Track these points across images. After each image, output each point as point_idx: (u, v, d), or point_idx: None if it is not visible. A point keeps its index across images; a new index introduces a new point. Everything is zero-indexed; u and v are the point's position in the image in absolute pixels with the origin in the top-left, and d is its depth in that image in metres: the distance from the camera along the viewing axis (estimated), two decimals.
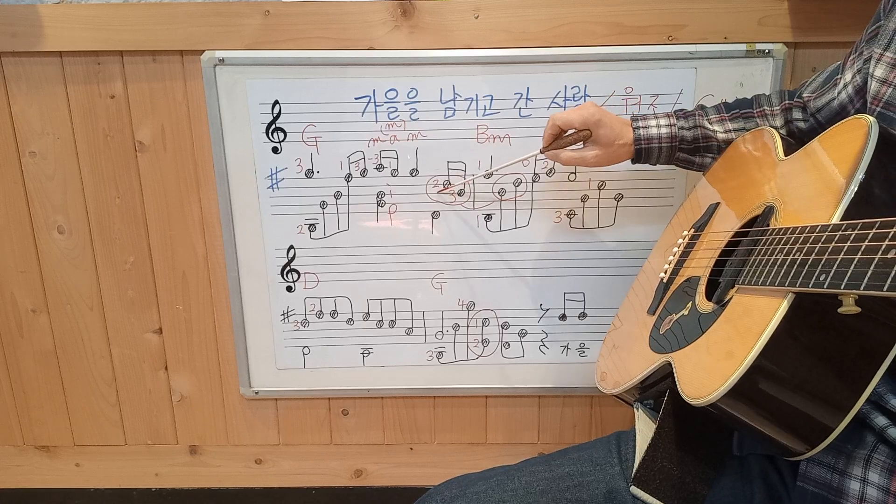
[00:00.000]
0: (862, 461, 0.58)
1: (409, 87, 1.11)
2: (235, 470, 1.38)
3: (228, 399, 1.33)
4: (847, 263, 0.46)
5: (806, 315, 0.52)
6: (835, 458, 0.60)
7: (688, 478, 0.66)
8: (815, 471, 0.60)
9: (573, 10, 1.08)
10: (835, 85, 0.78)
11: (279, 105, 1.12)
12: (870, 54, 0.70)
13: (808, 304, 0.52)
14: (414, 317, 1.24)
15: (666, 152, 0.91)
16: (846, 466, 0.58)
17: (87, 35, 1.09)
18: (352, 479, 1.39)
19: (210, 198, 1.19)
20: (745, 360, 0.52)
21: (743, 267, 0.64)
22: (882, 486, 0.57)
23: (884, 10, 0.70)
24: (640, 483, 0.66)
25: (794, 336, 0.52)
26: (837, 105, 0.77)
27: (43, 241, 1.22)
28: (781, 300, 0.53)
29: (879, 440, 0.59)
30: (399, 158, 1.15)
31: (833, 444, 0.58)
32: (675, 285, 0.83)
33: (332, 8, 1.08)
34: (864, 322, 0.52)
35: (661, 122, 0.91)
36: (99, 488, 1.40)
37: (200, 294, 1.26)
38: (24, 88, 1.14)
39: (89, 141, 1.17)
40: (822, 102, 0.80)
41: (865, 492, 0.57)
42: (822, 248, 0.49)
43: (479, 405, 1.33)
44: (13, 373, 1.31)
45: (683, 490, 0.66)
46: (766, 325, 0.52)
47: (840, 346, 0.53)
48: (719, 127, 0.89)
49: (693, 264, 0.81)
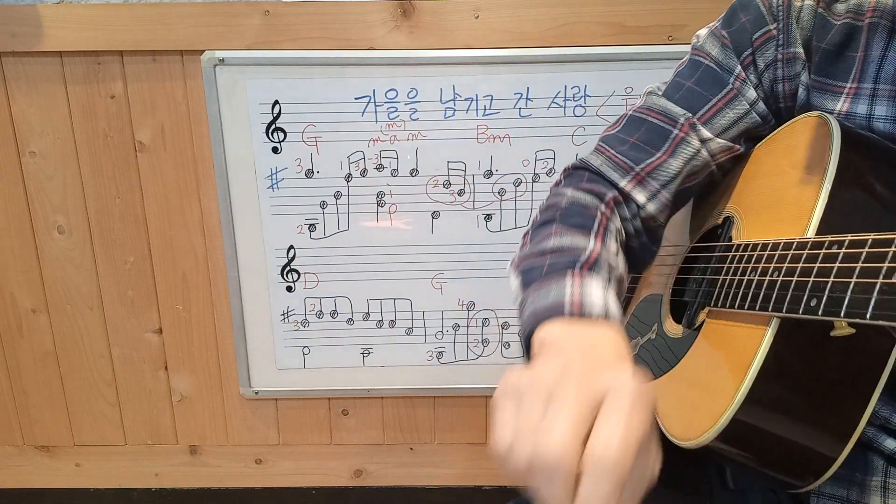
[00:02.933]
0: (879, 489, 0.54)
1: (409, 87, 1.11)
2: (235, 470, 1.38)
3: (228, 399, 1.33)
4: (842, 288, 0.41)
5: (795, 341, 0.48)
6: (847, 490, 0.55)
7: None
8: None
9: (573, 10, 1.08)
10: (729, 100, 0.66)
11: (279, 105, 1.12)
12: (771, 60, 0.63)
13: (795, 329, 0.47)
14: (414, 317, 1.24)
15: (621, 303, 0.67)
16: (861, 497, 0.54)
17: (87, 35, 1.09)
18: (352, 479, 1.39)
19: (210, 198, 1.19)
20: (735, 396, 0.48)
21: (713, 287, 0.58)
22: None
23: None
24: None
25: (785, 364, 0.48)
26: (750, 121, 0.65)
27: (43, 241, 1.22)
28: (765, 327, 0.48)
29: (891, 464, 0.55)
30: (399, 158, 1.15)
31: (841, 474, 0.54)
32: (634, 304, 0.76)
33: (332, 8, 1.08)
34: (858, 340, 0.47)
35: (608, 300, 0.54)
36: (99, 488, 1.40)
37: (200, 294, 1.26)
38: (24, 88, 1.14)
39: (89, 141, 1.17)
40: (728, 120, 0.65)
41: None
42: (806, 269, 0.45)
43: (479, 405, 1.33)
44: (13, 373, 1.31)
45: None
46: (753, 355, 0.47)
47: (834, 371, 0.49)
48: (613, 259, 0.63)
49: (650, 279, 0.75)
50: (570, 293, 0.50)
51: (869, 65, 0.55)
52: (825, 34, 0.59)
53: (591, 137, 1.12)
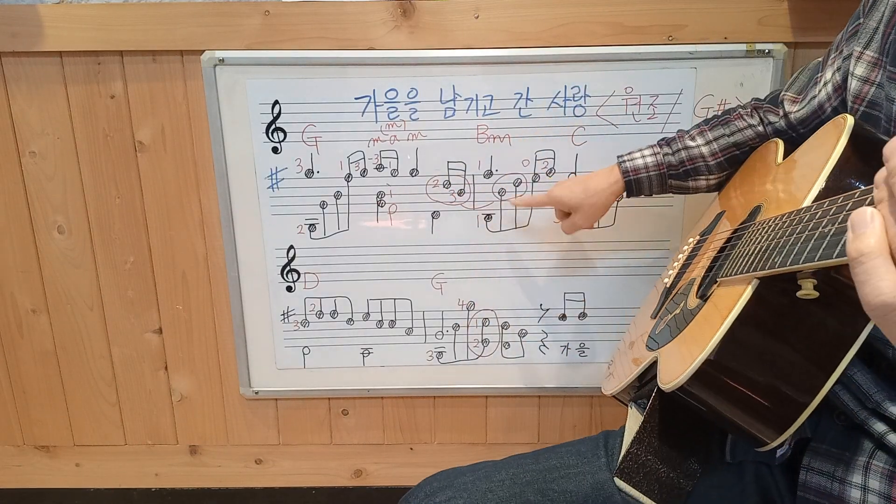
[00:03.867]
0: (861, 468, 0.58)
1: (409, 87, 1.11)
2: (235, 470, 1.38)
3: (228, 399, 1.33)
4: (796, 242, 0.47)
5: (768, 300, 0.53)
6: (834, 467, 0.59)
7: (671, 473, 0.67)
8: (814, 480, 0.60)
9: (573, 10, 1.08)
10: (815, 84, 0.77)
11: (279, 105, 1.12)
12: (850, 52, 0.69)
13: (770, 290, 0.53)
14: (414, 317, 1.24)
15: (656, 181, 0.90)
16: (845, 474, 0.58)
17: (87, 35, 1.09)
18: (352, 479, 1.39)
19: (210, 198, 1.19)
20: (708, 344, 0.54)
21: (725, 262, 0.66)
22: (883, 493, 0.56)
23: (864, 8, 0.69)
24: (624, 475, 0.67)
25: (758, 320, 0.53)
26: (816, 103, 0.77)
27: (43, 241, 1.22)
28: (746, 286, 0.54)
29: (878, 447, 0.59)
30: (399, 158, 1.15)
31: (831, 451, 0.58)
32: (677, 289, 0.84)
33: (331, 8, 1.08)
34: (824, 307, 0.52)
35: (645, 152, 0.90)
36: (99, 488, 1.40)
37: (200, 294, 1.26)
38: (24, 88, 1.14)
39: (89, 141, 1.17)
40: (805, 103, 0.79)
41: (866, 499, 0.57)
42: (782, 233, 0.51)
43: (479, 405, 1.33)
44: (13, 373, 1.31)
45: (666, 484, 0.67)
46: (730, 310, 0.54)
47: (803, 331, 0.54)
48: (701, 139, 0.88)
49: (695, 269, 0.82)
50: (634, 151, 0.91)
51: None
52: None
53: (591, 137, 1.12)
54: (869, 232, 0.34)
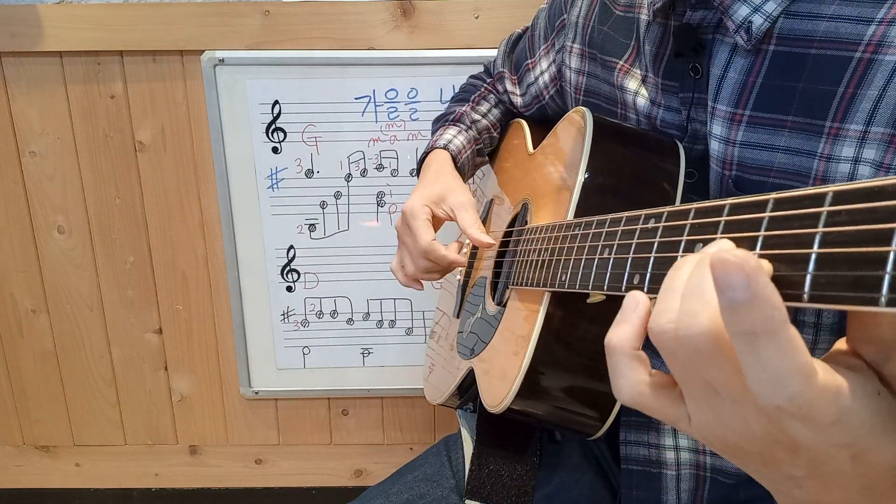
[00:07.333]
0: (670, 431, 0.61)
1: (409, 87, 1.11)
2: (235, 470, 1.38)
3: (228, 399, 1.33)
4: (578, 264, 0.47)
5: (564, 310, 0.55)
6: (647, 435, 0.62)
7: (514, 474, 0.69)
8: (633, 451, 0.63)
9: None
10: (529, 70, 0.79)
11: (279, 105, 1.12)
12: (561, 45, 0.72)
13: (563, 300, 0.55)
14: (414, 317, 1.24)
15: (471, 161, 0.84)
16: (658, 440, 0.62)
17: (87, 35, 1.09)
18: (352, 479, 1.39)
19: (210, 198, 1.19)
20: (521, 365, 0.55)
21: (511, 268, 0.66)
22: (691, 448, 0.61)
23: (564, 5, 0.72)
24: (473, 494, 0.69)
25: (559, 331, 0.55)
26: (535, 90, 0.78)
27: (43, 241, 1.22)
28: (542, 299, 0.55)
29: None
30: (399, 158, 1.15)
31: (640, 422, 0.61)
32: (470, 287, 0.83)
33: (332, 8, 1.08)
34: (614, 306, 0.52)
35: (451, 131, 0.82)
36: (99, 488, 1.40)
37: (200, 294, 1.26)
38: (24, 88, 1.14)
39: (89, 141, 1.17)
40: (524, 89, 0.81)
41: (680, 457, 0.61)
42: (561, 249, 0.52)
43: None
44: (13, 373, 1.31)
45: (514, 487, 0.69)
46: (533, 325, 0.55)
47: (600, 330, 0.54)
48: (477, 114, 0.84)
49: (481, 264, 0.82)
50: (435, 137, 0.82)
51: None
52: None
53: None
54: (625, 324, 0.33)
